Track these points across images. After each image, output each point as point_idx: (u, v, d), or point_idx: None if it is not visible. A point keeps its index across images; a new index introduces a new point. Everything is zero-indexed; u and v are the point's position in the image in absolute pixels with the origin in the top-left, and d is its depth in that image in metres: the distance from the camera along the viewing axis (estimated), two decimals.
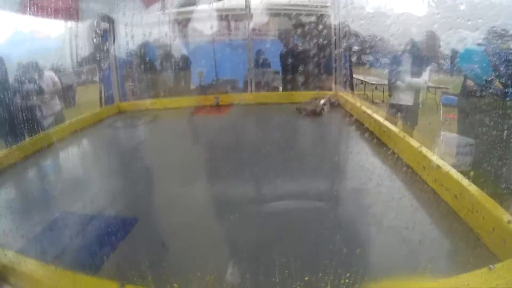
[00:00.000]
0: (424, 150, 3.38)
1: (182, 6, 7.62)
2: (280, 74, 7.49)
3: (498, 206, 2.40)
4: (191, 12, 7.93)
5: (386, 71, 6.30)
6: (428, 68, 5.55)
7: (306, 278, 2.06)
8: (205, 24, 8.09)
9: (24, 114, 4.90)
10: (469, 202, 2.55)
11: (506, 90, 4.13)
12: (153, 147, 4.84)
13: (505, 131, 3.67)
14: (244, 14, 7.35)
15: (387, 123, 4.35)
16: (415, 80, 5.46)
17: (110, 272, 2.34)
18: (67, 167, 4.57)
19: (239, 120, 5.89)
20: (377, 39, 5.84)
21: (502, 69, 4.19)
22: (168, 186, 3.57)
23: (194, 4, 7.68)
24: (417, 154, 3.40)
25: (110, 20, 6.78)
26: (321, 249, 2.39)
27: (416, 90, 5.55)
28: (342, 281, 2.02)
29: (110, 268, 2.39)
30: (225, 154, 4.28)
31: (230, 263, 2.36)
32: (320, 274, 2.03)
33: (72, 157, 4.74)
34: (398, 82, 5.58)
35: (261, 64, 7.65)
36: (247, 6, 7.19)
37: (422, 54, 5.52)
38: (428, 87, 6.57)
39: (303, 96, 6.42)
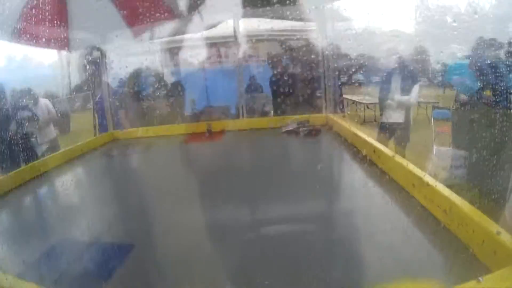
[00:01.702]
0: (413, 168, 3.39)
1: (171, 35, 7.71)
2: (271, 98, 7.54)
3: (487, 219, 2.41)
4: (180, 41, 8.03)
5: (377, 89, 6.35)
6: (417, 85, 5.59)
7: None
8: (195, 52, 8.20)
9: (19, 142, 4.95)
10: (459, 216, 2.55)
11: (496, 99, 4.17)
12: (147, 175, 4.84)
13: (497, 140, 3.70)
14: (233, 41, 7.43)
15: (375, 143, 4.37)
16: (405, 97, 5.50)
17: None
18: (61, 195, 4.57)
19: (231, 146, 5.90)
20: (366, 58, 5.91)
21: (490, 78, 4.24)
22: (162, 213, 3.56)
23: (183, 33, 7.77)
24: (407, 173, 3.41)
25: (101, 50, 6.84)
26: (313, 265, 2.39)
27: (407, 107, 5.59)
28: None
29: None
30: (217, 180, 4.27)
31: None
32: None
33: (67, 185, 4.74)
34: (388, 101, 5.63)
35: (252, 89, 7.72)
36: (235, 33, 7.27)
37: (411, 71, 5.58)
38: (419, 103, 6.62)
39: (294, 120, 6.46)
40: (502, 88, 4.11)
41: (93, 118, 7.24)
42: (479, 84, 4.39)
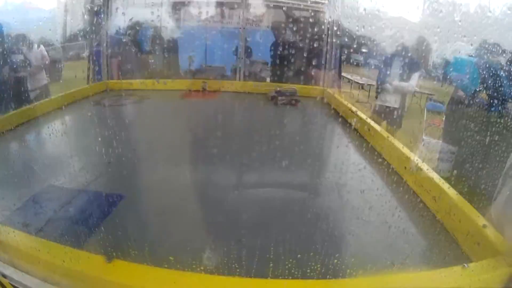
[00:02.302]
0: (407, 151, 3.41)
1: None
2: (269, 65, 7.48)
3: (475, 210, 2.44)
4: None
5: (374, 72, 6.33)
6: (417, 74, 5.58)
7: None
8: (200, 9, 8.04)
9: (8, 86, 4.84)
10: (447, 204, 2.58)
11: (491, 102, 4.19)
12: (136, 127, 4.80)
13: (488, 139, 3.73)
14: (241, 2, 7.30)
15: (371, 122, 4.38)
16: (403, 84, 5.49)
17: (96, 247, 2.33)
18: (48, 142, 4.50)
19: (222, 106, 5.87)
20: (369, 40, 5.87)
21: (490, 82, 4.25)
22: (153, 166, 3.55)
23: None
24: (400, 155, 3.42)
25: None
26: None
27: (403, 94, 5.59)
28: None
29: (96, 243, 2.38)
30: (207, 137, 4.27)
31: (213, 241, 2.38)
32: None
33: (55, 132, 4.67)
34: (387, 84, 5.61)
35: (251, 54, 7.64)
36: None
37: (413, 59, 5.55)
38: (415, 92, 6.62)
39: (288, 88, 6.45)
40: (498, 94, 4.13)
41: (87, 66, 7.05)
42: (477, 85, 4.41)
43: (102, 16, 6.82)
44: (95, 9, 6.54)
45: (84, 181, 3.27)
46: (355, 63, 7.71)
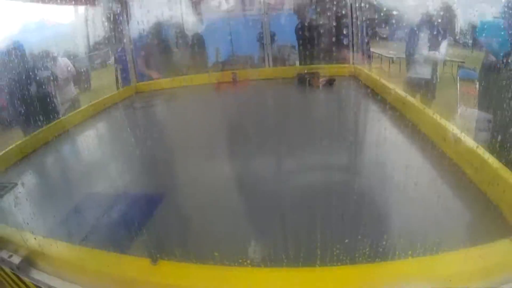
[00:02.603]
0: (444, 122, 3.37)
1: None
2: (296, 48, 7.44)
3: None
4: None
5: (403, 44, 6.24)
6: (446, 41, 5.48)
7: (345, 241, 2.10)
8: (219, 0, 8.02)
9: (39, 102, 4.97)
10: (490, 175, 2.56)
11: None
12: (172, 126, 4.85)
13: None
14: None
15: (405, 95, 4.33)
16: (433, 53, 5.41)
17: (140, 250, 2.38)
18: (84, 151, 4.60)
19: (256, 95, 5.88)
20: (394, 12, 5.78)
21: None
22: (197, 162, 3.59)
23: None
24: (437, 127, 3.39)
25: (121, 1, 6.72)
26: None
27: (434, 64, 5.50)
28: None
29: (140, 246, 2.44)
30: (243, 129, 4.28)
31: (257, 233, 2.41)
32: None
33: (89, 141, 4.76)
34: (416, 55, 5.53)
35: (277, 39, 7.60)
36: None
37: (440, 27, 5.45)
38: (445, 61, 6.50)
39: (320, 69, 6.39)
40: None
41: (115, 72, 7.15)
42: (507, 47, 4.31)
43: (122, 20, 6.88)
44: (114, 14, 6.62)
45: (127, 184, 3.33)
46: (383, 37, 7.59)
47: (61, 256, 2.25)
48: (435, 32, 5.39)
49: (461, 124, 4.76)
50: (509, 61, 4.29)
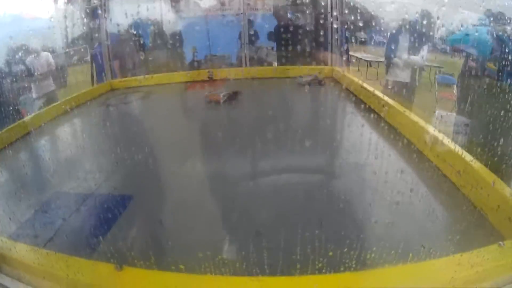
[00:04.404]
0: (426, 125, 3.32)
1: None
2: (275, 49, 7.39)
3: (502, 183, 2.35)
4: None
5: (380, 48, 6.24)
6: (425, 47, 5.48)
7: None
8: None
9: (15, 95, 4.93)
10: (473, 178, 2.49)
11: (500, 73, 4.11)
12: (143, 124, 4.76)
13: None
14: None
15: (385, 98, 4.29)
16: (414, 57, 5.40)
17: (105, 254, 2.27)
18: (57, 147, 4.50)
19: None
20: (374, 16, 5.77)
21: (498, 51, 4.17)
22: (167, 161, 3.50)
23: None
24: (418, 130, 3.33)
25: None
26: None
27: (413, 68, 5.50)
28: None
29: (106, 250, 2.32)
30: (218, 128, 4.21)
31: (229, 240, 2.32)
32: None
33: (63, 136, 4.67)
34: (396, 59, 5.52)
35: (255, 39, 7.54)
36: None
37: (420, 32, 5.45)
38: (424, 66, 6.53)
39: (298, 70, 6.35)
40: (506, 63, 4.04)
41: (90, 68, 7.01)
42: (485, 55, 4.33)
43: (100, 16, 6.75)
44: (93, 10, 6.49)
45: (95, 184, 3.23)
46: (362, 40, 7.59)
47: (22, 259, 2.13)
48: (414, 37, 5.39)
49: (439, 127, 4.76)
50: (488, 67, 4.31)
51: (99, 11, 6.64)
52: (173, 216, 2.70)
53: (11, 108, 4.84)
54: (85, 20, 6.63)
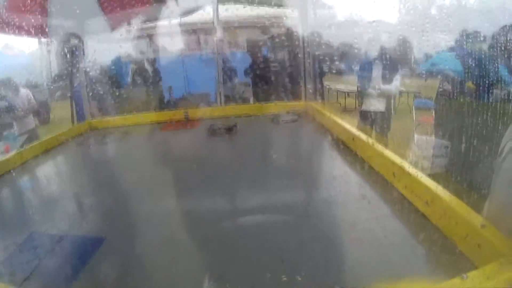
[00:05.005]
0: (393, 156, 3.29)
1: (148, 21, 7.53)
2: (250, 86, 7.43)
3: (471, 210, 2.30)
4: (158, 27, 7.86)
5: (357, 78, 6.28)
6: (399, 74, 5.51)
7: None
8: (173, 39, 8.04)
9: None
10: (441, 208, 2.44)
11: (478, 92, 4.11)
12: (121, 165, 4.72)
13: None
14: (211, 28, 7.27)
15: (355, 131, 4.28)
16: (386, 86, 5.41)
17: None
18: (35, 187, 4.45)
19: (206, 133, 5.77)
20: (347, 47, 5.82)
21: (474, 70, 4.19)
22: (139, 202, 3.44)
23: (160, 19, 7.61)
24: (386, 161, 3.30)
25: (79, 37, 6.65)
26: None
27: (388, 96, 5.51)
28: None
29: None
30: (193, 169, 4.18)
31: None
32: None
33: (41, 177, 4.64)
34: (369, 89, 5.53)
35: (230, 77, 7.58)
36: (214, 19, 7.11)
37: (393, 60, 5.49)
38: (401, 92, 6.56)
39: (273, 107, 6.37)
40: (484, 81, 4.06)
41: (70, 107, 7.03)
42: (462, 75, 4.35)
43: (79, 55, 6.80)
44: (72, 49, 6.54)
45: (70, 224, 3.18)
46: (337, 72, 7.65)
47: None
48: (388, 66, 5.43)
49: (418, 152, 4.74)
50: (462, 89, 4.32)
51: (77, 51, 6.69)
52: (148, 256, 2.64)
53: None
54: (67, 57, 6.67)
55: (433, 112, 5.16)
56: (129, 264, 2.52)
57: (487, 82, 4.02)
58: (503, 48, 3.78)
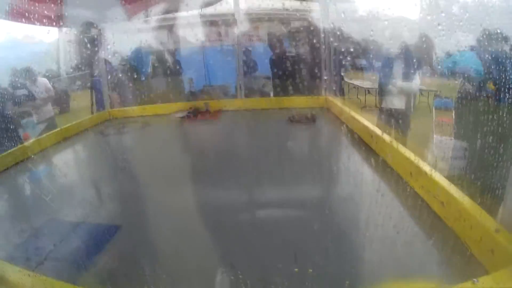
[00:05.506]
0: (410, 155, 3.28)
1: (168, 12, 7.55)
2: (271, 79, 7.41)
3: (486, 214, 2.29)
4: (179, 18, 7.87)
5: (378, 75, 6.23)
6: (420, 72, 5.45)
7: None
8: (194, 30, 8.04)
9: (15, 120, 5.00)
10: (456, 209, 2.44)
11: (499, 93, 4.06)
12: (140, 155, 4.78)
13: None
14: (232, 19, 7.27)
15: (374, 128, 4.26)
16: (407, 84, 5.37)
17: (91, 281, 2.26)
18: (53, 175, 4.52)
19: (226, 126, 5.81)
20: (369, 42, 5.77)
21: (495, 71, 4.14)
22: (156, 192, 3.49)
23: (181, 10, 7.62)
24: (404, 160, 3.29)
25: (98, 27, 6.70)
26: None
27: (408, 94, 5.46)
28: None
29: (91, 277, 2.31)
30: (211, 160, 4.21)
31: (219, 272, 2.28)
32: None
33: (59, 164, 4.70)
34: (390, 86, 5.49)
35: (250, 69, 7.58)
36: (235, 11, 7.12)
37: (414, 57, 5.43)
38: (421, 90, 6.49)
39: (292, 101, 6.36)
40: (506, 83, 4.00)
41: (90, 96, 7.12)
42: (483, 76, 4.30)
43: (100, 44, 6.86)
44: (92, 38, 6.59)
45: (86, 212, 3.23)
46: (359, 68, 7.59)
47: (16, 282, 2.13)
48: (410, 63, 5.38)
49: (436, 153, 4.70)
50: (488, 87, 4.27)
51: (96, 41, 6.75)
52: (162, 246, 2.68)
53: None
54: (87, 46, 6.73)
55: (453, 112, 5.11)
56: (142, 251, 2.56)
57: (508, 83, 3.98)
58: None
